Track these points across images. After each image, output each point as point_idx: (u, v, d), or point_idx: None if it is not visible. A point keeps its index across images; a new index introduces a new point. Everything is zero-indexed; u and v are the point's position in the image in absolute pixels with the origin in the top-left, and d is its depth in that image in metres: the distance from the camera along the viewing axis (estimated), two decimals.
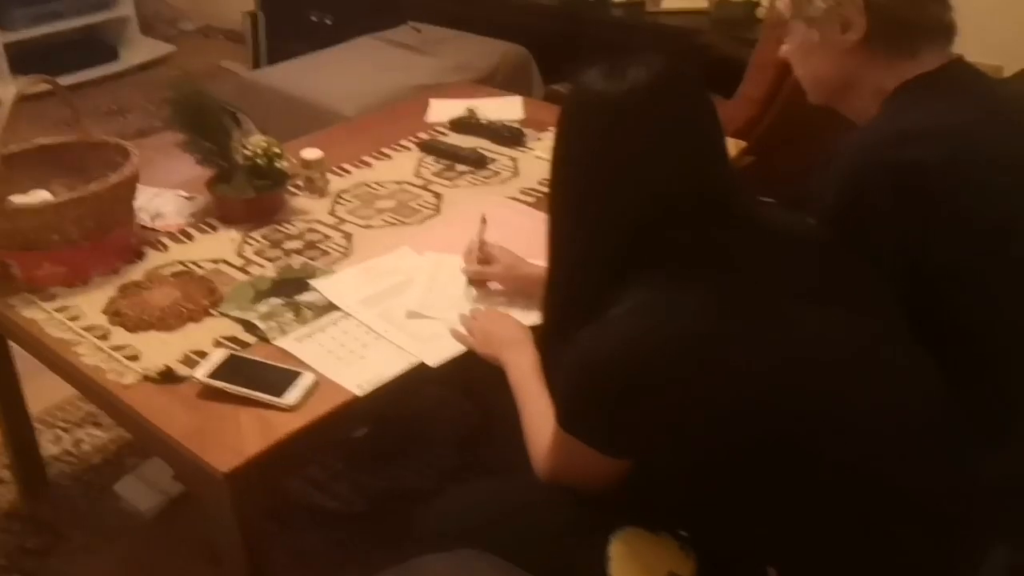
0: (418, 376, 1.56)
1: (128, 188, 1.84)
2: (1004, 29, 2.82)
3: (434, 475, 2.24)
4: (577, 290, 1.18)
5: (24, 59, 4.56)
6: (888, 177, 1.27)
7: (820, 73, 1.44)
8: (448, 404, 2.41)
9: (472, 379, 1.52)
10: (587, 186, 1.14)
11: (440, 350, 1.58)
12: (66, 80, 4.50)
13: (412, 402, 2.41)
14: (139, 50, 5.00)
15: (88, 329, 1.65)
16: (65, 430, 2.37)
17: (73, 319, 1.68)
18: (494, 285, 1.73)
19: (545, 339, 1.34)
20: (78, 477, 2.22)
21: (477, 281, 1.73)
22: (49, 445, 2.29)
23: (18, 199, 1.80)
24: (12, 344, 1.94)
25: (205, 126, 1.99)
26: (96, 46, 4.86)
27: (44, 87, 1.88)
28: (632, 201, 1.11)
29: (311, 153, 2.12)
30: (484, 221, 1.77)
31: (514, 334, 1.51)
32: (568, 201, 1.18)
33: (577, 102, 1.15)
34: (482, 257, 1.71)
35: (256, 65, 4.70)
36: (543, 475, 1.22)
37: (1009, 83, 2.61)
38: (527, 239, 1.94)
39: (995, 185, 1.28)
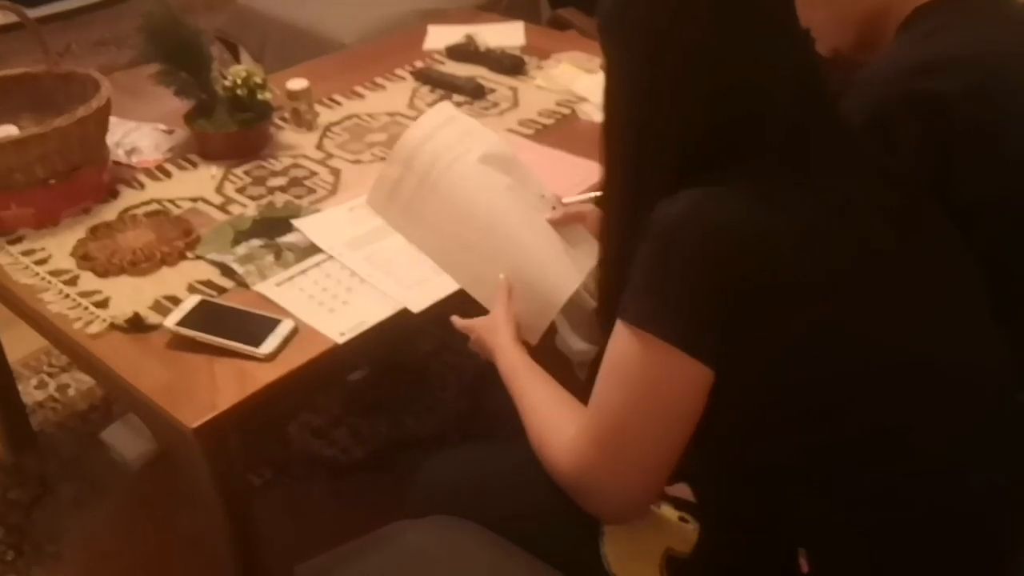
0: (405, 322, 1.45)
1: (99, 122, 1.73)
2: None
3: (436, 421, 2.16)
4: (651, 191, 0.99)
5: None
6: (912, 110, 1.18)
7: (845, 12, 1.33)
8: (450, 347, 2.31)
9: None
10: (667, 83, 0.99)
11: (425, 296, 1.47)
12: (53, 8, 4.37)
13: (413, 345, 2.33)
14: None
15: (55, 274, 1.55)
16: (50, 375, 2.29)
17: (40, 263, 1.58)
18: None
19: (607, 255, 1.16)
20: (63, 424, 2.15)
21: None
22: (34, 391, 2.21)
23: None
24: None
25: (182, 55, 1.86)
26: None
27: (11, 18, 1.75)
28: (720, 90, 0.97)
29: (297, 84, 1.99)
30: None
31: (493, 341, 1.32)
32: (642, 99, 1.02)
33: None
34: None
35: None
36: (573, 461, 1.02)
37: None
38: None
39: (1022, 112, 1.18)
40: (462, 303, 1.49)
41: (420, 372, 2.27)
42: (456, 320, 1.41)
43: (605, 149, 1.07)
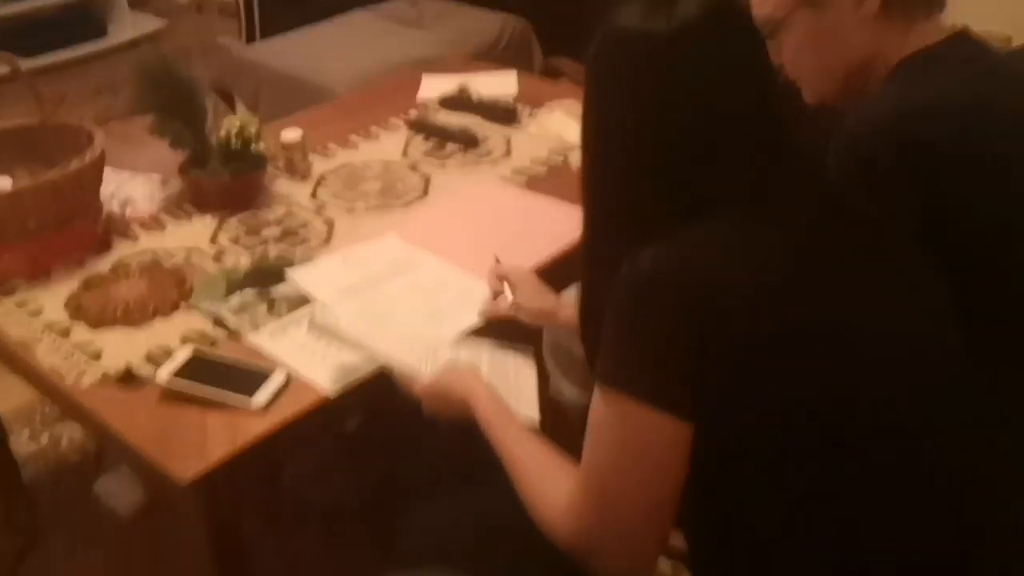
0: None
1: (93, 174, 1.74)
2: None
3: (429, 465, 2.14)
4: (625, 238, 1.00)
5: (9, 36, 4.43)
6: (900, 154, 1.19)
7: (833, 61, 1.34)
8: None
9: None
10: (639, 127, 1.00)
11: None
12: (53, 58, 4.43)
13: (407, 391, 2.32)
14: (129, 25, 4.86)
15: (49, 325, 1.55)
16: (43, 426, 2.27)
17: (34, 315, 1.58)
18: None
19: (585, 302, 1.15)
20: (55, 477, 2.13)
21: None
22: (26, 444, 2.20)
23: None
24: None
25: (176, 106, 1.87)
26: (84, 22, 4.73)
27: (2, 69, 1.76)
28: (687, 139, 0.99)
29: (291, 134, 2.01)
30: (498, 261, 1.61)
31: (464, 389, 1.30)
32: (613, 148, 1.03)
33: (620, 42, 1.01)
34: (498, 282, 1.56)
35: (250, 40, 4.58)
36: (572, 528, 1.00)
37: (1016, 55, 2.51)
38: (518, 222, 1.84)
39: (1008, 163, 1.21)
40: None
41: (412, 416, 2.26)
42: (416, 387, 1.37)
43: (584, 202, 1.07)
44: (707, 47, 0.99)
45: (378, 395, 1.46)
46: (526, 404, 1.37)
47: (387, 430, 2.22)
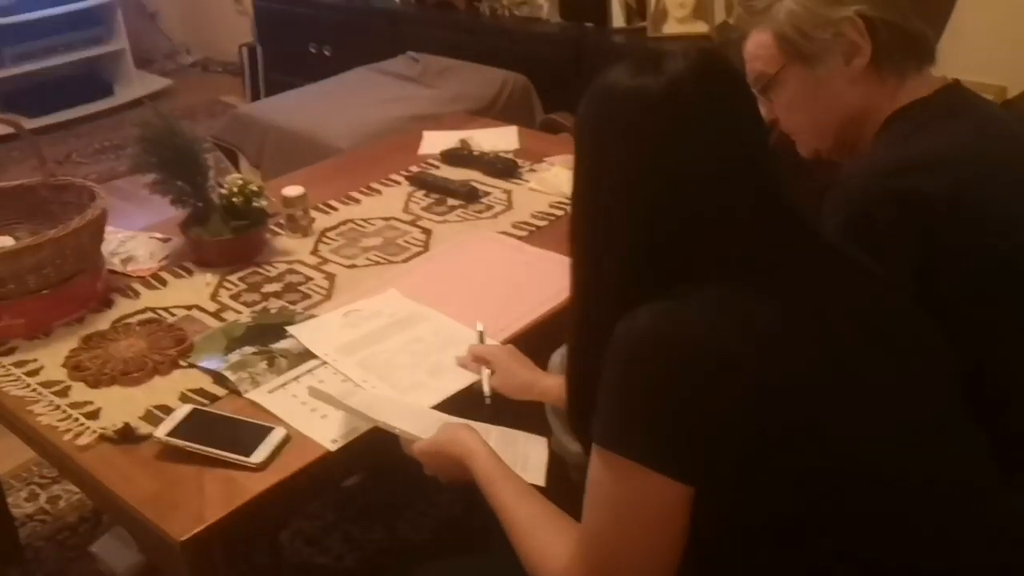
0: None
1: (93, 232, 1.74)
2: (1008, 49, 2.73)
3: (430, 526, 2.12)
4: (615, 300, 1.00)
5: (16, 96, 4.51)
6: (894, 207, 1.18)
7: (825, 115, 1.35)
8: None
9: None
10: (630, 185, 1.00)
11: (421, 399, 1.46)
12: (58, 117, 4.48)
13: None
14: (135, 85, 4.93)
15: (46, 385, 1.54)
16: (41, 486, 2.25)
17: (31, 374, 1.57)
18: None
19: (572, 364, 1.13)
20: (52, 537, 2.10)
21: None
22: (24, 504, 2.17)
23: None
24: None
25: (178, 164, 1.88)
26: (90, 82, 4.81)
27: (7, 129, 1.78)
28: (675, 196, 0.98)
29: (292, 190, 2.01)
30: (482, 332, 1.61)
31: (462, 449, 1.26)
32: (602, 206, 1.03)
33: (610, 100, 1.01)
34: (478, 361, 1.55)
35: (254, 98, 4.63)
36: None
37: (1009, 106, 2.52)
38: (518, 276, 1.83)
39: (1004, 212, 1.20)
40: (458, 404, 1.48)
41: (413, 476, 2.23)
42: (415, 447, 1.34)
43: (573, 264, 1.07)
44: (695, 103, 0.98)
45: (378, 454, 1.44)
46: (532, 472, 1.35)
47: (388, 490, 2.21)
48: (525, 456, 1.38)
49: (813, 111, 1.36)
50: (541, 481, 1.31)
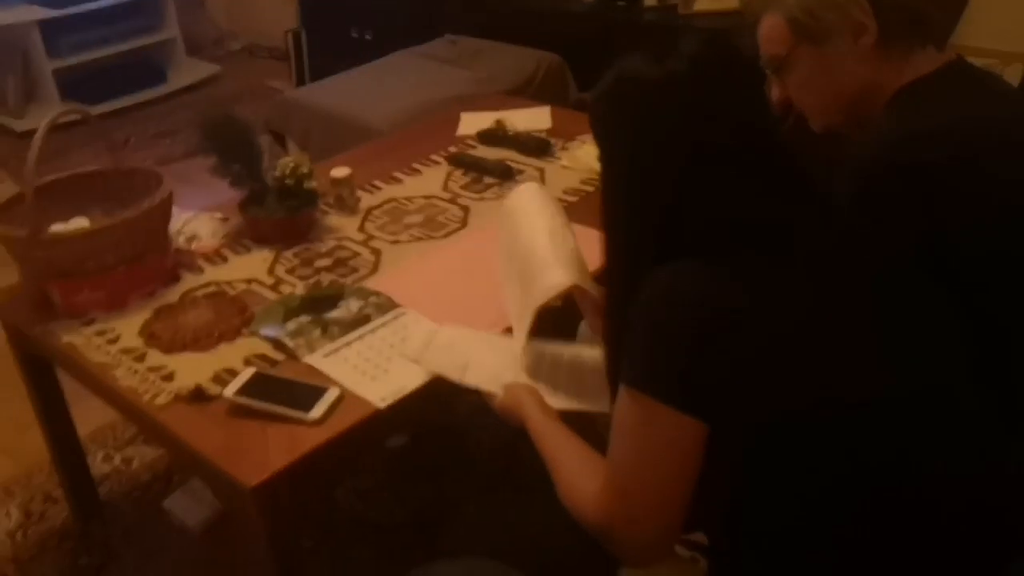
0: (442, 387, 1.58)
1: (162, 213, 1.90)
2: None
3: (475, 483, 2.26)
4: (639, 262, 1.13)
5: (73, 85, 4.70)
6: (899, 180, 1.27)
7: (835, 92, 1.44)
8: (487, 411, 2.42)
9: None
10: (650, 163, 1.13)
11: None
12: (114, 104, 4.67)
13: (452, 410, 2.45)
14: (186, 72, 5.11)
15: (125, 351, 1.71)
16: (116, 449, 2.44)
17: (111, 342, 1.74)
18: None
19: (611, 322, 1.25)
20: (128, 495, 2.29)
21: None
22: (100, 465, 2.36)
23: (58, 227, 1.87)
24: (58, 370, 2.01)
25: (236, 149, 2.04)
26: (144, 69, 4.98)
27: (74, 116, 1.94)
28: (688, 171, 1.11)
29: (340, 172, 2.16)
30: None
31: (517, 400, 1.46)
32: (622, 182, 1.17)
33: (628, 85, 1.14)
34: None
35: (299, 82, 4.79)
36: (598, 514, 1.11)
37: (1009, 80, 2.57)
38: None
39: (1001, 183, 1.28)
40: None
41: (457, 435, 2.39)
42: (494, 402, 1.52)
43: (603, 230, 1.20)
44: (704, 84, 1.11)
45: (423, 413, 1.59)
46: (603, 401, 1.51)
47: (433, 450, 2.36)
48: (593, 387, 1.53)
49: (824, 89, 1.45)
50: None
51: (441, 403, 1.53)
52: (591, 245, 1.93)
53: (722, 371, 1.03)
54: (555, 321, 1.68)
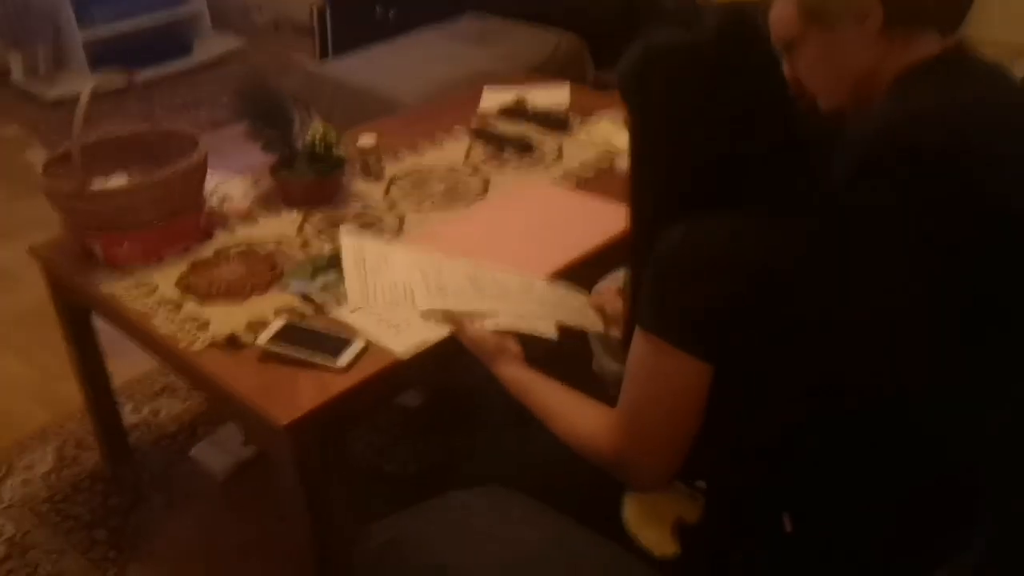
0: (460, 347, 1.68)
1: (198, 174, 2.00)
2: None
3: (486, 441, 2.36)
4: (666, 222, 1.21)
5: (102, 55, 4.80)
6: (895, 159, 1.33)
7: (842, 73, 1.50)
8: None
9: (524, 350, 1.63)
10: (675, 129, 1.22)
11: None
12: (143, 76, 4.75)
13: (469, 372, 2.55)
14: (211, 44, 5.21)
15: (163, 302, 1.81)
16: (144, 400, 2.55)
17: (149, 293, 1.85)
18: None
19: (635, 274, 1.33)
20: (156, 443, 2.40)
21: None
22: (129, 415, 2.47)
23: (99, 183, 1.98)
24: (95, 323, 2.13)
25: (269, 115, 2.14)
26: (170, 41, 5.08)
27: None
28: (709, 139, 1.20)
29: (367, 139, 2.26)
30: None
31: (497, 346, 1.54)
32: (660, 143, 1.24)
33: (656, 55, 1.22)
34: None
35: (323, 57, 4.87)
36: (609, 448, 1.21)
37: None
38: (566, 218, 2.07)
39: (994, 163, 1.34)
40: None
41: (472, 397, 2.49)
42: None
43: (630, 185, 1.30)
44: (730, 51, 1.20)
45: (440, 378, 1.68)
46: (590, 319, 1.66)
47: (447, 409, 2.46)
48: (581, 313, 1.69)
49: (830, 71, 1.52)
50: (600, 327, 1.66)
51: (458, 366, 1.62)
52: (604, 214, 2.04)
53: (724, 314, 1.13)
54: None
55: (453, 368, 1.77)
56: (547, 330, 1.63)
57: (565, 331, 1.65)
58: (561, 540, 1.25)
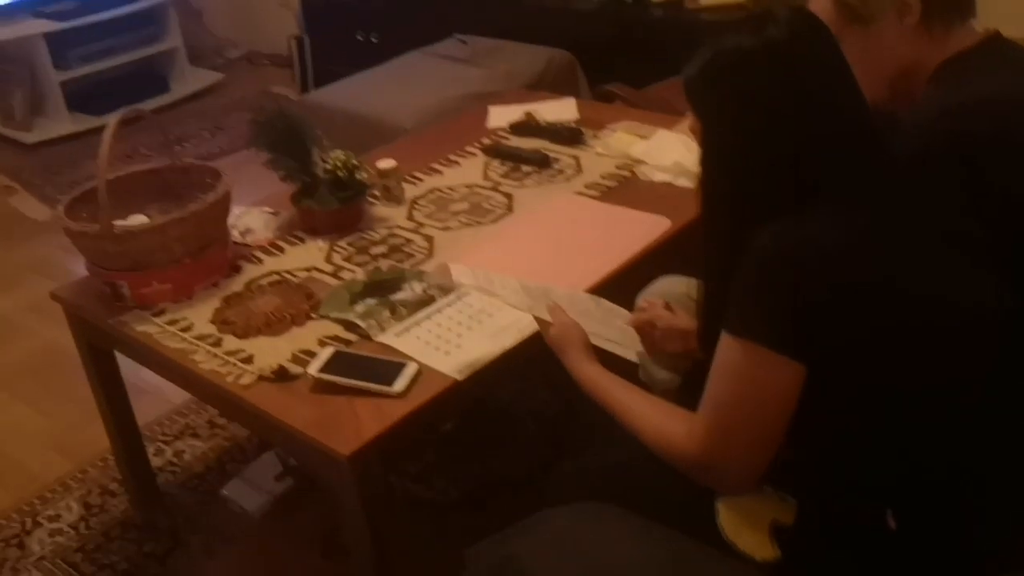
0: (511, 359, 1.66)
1: (223, 206, 1.97)
2: None
3: (524, 463, 2.33)
4: (741, 226, 1.20)
5: (80, 96, 4.74)
6: (949, 149, 1.34)
7: (881, 68, 1.50)
8: (530, 395, 2.50)
9: (551, 369, 1.60)
10: (751, 129, 1.21)
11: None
12: (120, 115, 4.70)
13: (497, 396, 2.52)
14: (189, 80, 5.15)
15: (200, 338, 1.77)
16: (166, 443, 2.49)
17: (185, 330, 1.80)
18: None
19: (710, 281, 1.33)
20: (185, 484, 2.34)
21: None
22: (153, 459, 2.41)
23: (119, 224, 1.93)
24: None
25: (287, 144, 2.10)
26: (148, 79, 5.02)
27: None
28: (790, 137, 1.19)
29: (386, 163, 2.24)
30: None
31: (582, 340, 1.53)
32: (736, 146, 1.23)
33: (732, 58, 1.21)
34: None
35: (304, 88, 4.85)
36: (696, 451, 1.20)
37: None
38: (596, 230, 2.05)
39: None
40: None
41: (502, 419, 2.46)
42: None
43: (702, 195, 1.28)
44: (803, 48, 1.20)
45: (470, 401, 1.64)
46: (630, 339, 1.65)
47: (480, 432, 2.43)
48: (622, 333, 1.67)
49: (870, 66, 1.50)
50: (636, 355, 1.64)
51: (487, 387, 1.60)
52: (634, 225, 2.03)
53: (817, 316, 1.12)
54: None
55: (483, 391, 1.75)
56: (626, 352, 1.62)
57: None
58: (673, 553, 1.22)
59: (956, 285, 1.19)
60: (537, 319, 1.63)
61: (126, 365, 2.12)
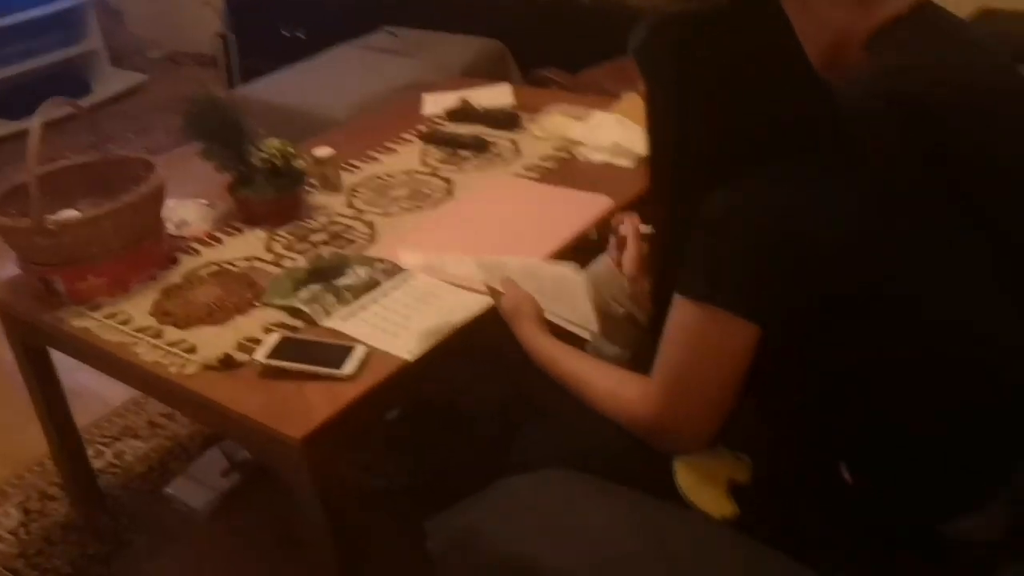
0: (462, 338, 1.65)
1: (157, 199, 1.93)
2: None
3: (474, 447, 2.32)
4: (691, 190, 1.20)
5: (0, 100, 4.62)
6: (881, 109, 1.34)
7: (815, 35, 1.47)
8: (481, 379, 2.49)
9: (501, 353, 1.60)
10: (699, 92, 1.21)
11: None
12: (50, 102, 4.58)
13: (447, 381, 2.51)
14: (111, 82, 5.05)
15: (140, 330, 1.73)
16: (105, 445, 2.43)
17: (124, 323, 1.76)
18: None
19: (660, 245, 1.34)
20: (127, 485, 2.29)
21: None
22: (93, 460, 2.34)
23: (50, 216, 1.88)
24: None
25: (221, 134, 2.07)
26: (68, 81, 4.90)
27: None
28: (738, 103, 1.19)
29: (323, 151, 2.21)
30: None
31: (535, 311, 1.54)
32: (682, 110, 1.23)
33: (672, 26, 1.22)
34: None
35: (230, 86, 4.77)
36: (649, 414, 1.21)
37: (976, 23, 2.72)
38: (539, 210, 2.05)
39: (986, 104, 1.37)
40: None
41: (450, 407, 2.45)
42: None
43: (651, 160, 1.29)
44: (745, 12, 1.21)
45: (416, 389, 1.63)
46: (583, 315, 1.63)
47: (429, 421, 2.42)
48: (573, 300, 1.67)
49: (803, 33, 1.56)
50: (595, 325, 1.63)
51: (433, 375, 1.60)
52: (573, 205, 2.03)
53: (771, 275, 1.13)
54: None
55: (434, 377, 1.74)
56: (578, 329, 1.62)
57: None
58: (636, 511, 1.22)
59: (906, 242, 1.20)
60: (490, 289, 1.63)
61: (62, 368, 2.07)
